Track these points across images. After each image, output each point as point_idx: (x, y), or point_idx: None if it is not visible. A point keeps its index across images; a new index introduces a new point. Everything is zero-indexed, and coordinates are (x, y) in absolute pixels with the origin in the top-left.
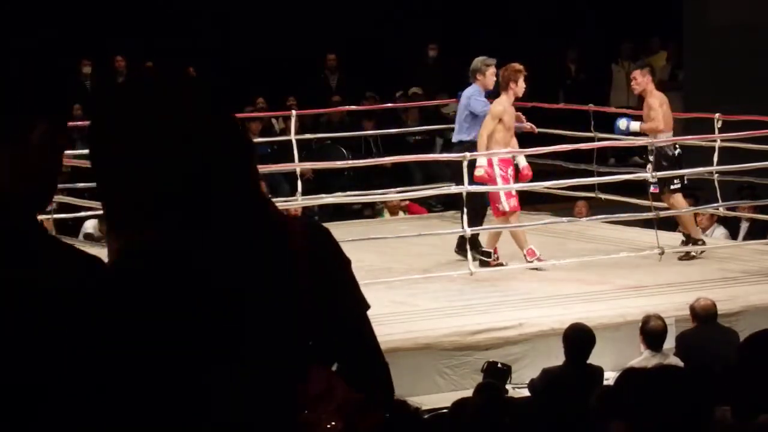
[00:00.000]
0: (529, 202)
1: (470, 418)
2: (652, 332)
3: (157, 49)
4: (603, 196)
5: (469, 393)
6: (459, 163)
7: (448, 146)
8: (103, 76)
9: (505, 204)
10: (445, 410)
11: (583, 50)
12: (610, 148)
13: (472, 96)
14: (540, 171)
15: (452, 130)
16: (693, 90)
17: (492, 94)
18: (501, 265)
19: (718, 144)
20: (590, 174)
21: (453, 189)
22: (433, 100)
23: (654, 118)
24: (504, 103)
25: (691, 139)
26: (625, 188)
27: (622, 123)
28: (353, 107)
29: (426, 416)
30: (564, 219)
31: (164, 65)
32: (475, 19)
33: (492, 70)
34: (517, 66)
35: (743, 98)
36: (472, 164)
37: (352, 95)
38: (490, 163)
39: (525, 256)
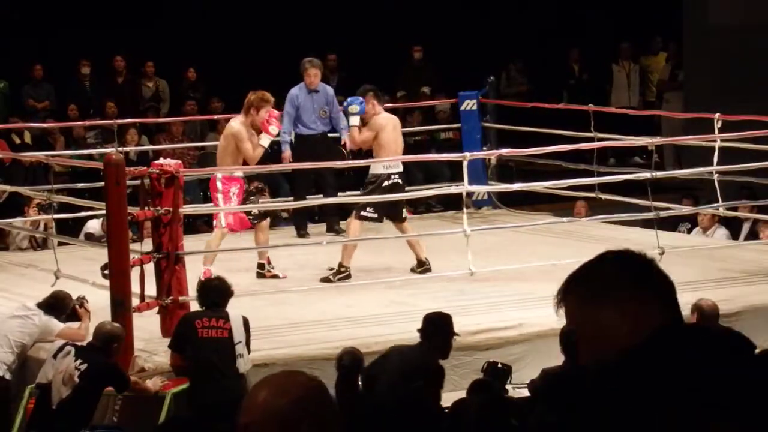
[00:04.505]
0: (529, 202)
1: (475, 418)
2: None
3: (157, 50)
4: (603, 196)
5: None
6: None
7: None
8: (103, 76)
9: (222, 221)
10: (445, 410)
11: (586, 50)
12: (610, 148)
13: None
14: (540, 171)
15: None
16: (693, 90)
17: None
18: (276, 276)
19: (718, 144)
20: (590, 174)
21: (453, 189)
22: (420, 100)
23: (357, 140)
24: (240, 124)
25: (691, 139)
26: (625, 188)
27: (353, 108)
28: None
29: None
30: (564, 219)
31: None
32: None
33: (312, 70)
34: (267, 97)
35: (743, 98)
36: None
37: (351, 95)
38: (218, 180)
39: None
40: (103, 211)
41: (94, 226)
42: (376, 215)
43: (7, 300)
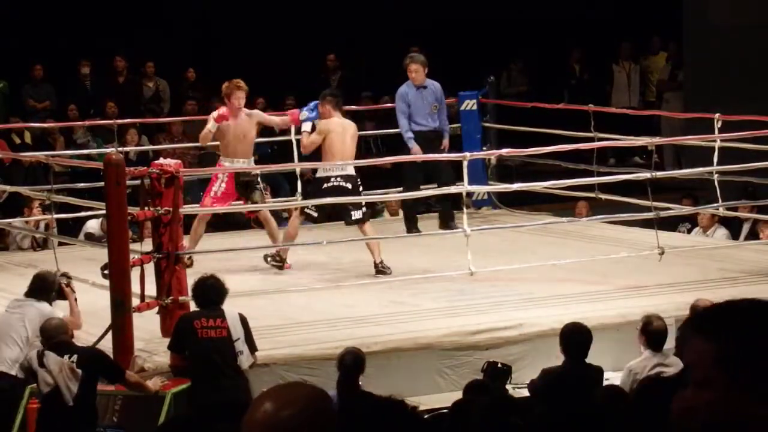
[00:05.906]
0: (529, 202)
1: (480, 419)
2: (653, 333)
3: (157, 50)
4: (603, 196)
5: None
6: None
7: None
8: (103, 76)
9: (209, 199)
10: (445, 410)
11: (586, 50)
12: (610, 148)
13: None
14: (540, 171)
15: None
16: (693, 90)
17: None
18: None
19: (717, 144)
20: (590, 174)
21: (453, 189)
22: None
23: (305, 143)
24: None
25: (691, 139)
26: (625, 188)
27: (302, 114)
28: (353, 107)
29: (426, 416)
30: (564, 219)
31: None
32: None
33: (412, 66)
34: (237, 83)
35: (743, 98)
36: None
37: (351, 95)
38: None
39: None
40: (103, 211)
41: (94, 226)
42: (315, 214)
43: (7, 300)
